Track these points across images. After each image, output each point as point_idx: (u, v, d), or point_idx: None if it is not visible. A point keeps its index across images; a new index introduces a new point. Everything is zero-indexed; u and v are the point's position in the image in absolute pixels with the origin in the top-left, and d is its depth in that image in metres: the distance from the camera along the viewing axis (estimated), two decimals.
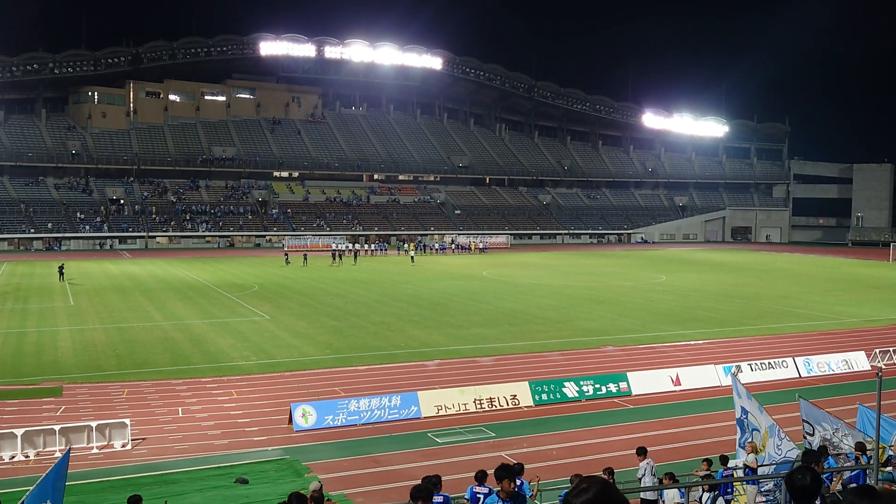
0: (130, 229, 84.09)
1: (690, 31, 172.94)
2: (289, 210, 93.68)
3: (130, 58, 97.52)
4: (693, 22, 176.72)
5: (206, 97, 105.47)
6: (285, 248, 73.14)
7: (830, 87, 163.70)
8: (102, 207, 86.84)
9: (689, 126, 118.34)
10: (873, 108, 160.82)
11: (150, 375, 24.14)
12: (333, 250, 71.31)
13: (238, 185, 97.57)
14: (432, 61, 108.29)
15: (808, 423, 15.40)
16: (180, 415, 20.13)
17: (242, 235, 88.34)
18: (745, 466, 13.39)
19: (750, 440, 13.35)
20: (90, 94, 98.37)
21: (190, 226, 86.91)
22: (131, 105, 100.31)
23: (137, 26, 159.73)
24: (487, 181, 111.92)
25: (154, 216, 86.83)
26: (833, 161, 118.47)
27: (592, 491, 3.08)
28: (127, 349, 28.07)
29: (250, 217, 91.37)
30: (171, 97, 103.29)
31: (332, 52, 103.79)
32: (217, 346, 28.74)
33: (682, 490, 13.25)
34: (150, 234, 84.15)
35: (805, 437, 15.33)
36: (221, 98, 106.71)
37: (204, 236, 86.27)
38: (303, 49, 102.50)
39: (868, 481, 10.70)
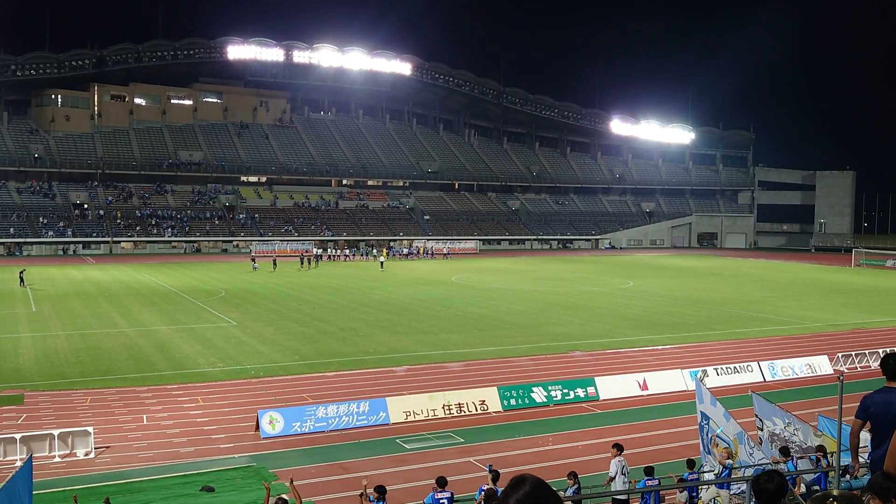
0: (94, 234, 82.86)
1: (656, 40, 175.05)
2: (256, 215, 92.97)
3: (95, 60, 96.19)
4: (659, 30, 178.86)
5: (172, 101, 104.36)
6: (252, 254, 72.62)
7: (794, 95, 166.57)
8: (66, 212, 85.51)
9: (655, 133, 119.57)
10: (835, 117, 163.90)
11: (114, 383, 23.77)
12: (302, 255, 71.21)
13: (205, 189, 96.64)
14: (401, 67, 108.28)
15: (759, 418, 15.64)
16: (145, 422, 19.86)
17: (209, 241, 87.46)
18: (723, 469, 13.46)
19: (726, 446, 13.48)
20: (53, 96, 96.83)
21: (155, 231, 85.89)
22: (96, 108, 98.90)
23: (102, 28, 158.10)
24: (456, 187, 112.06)
25: (119, 221, 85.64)
26: (796, 168, 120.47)
27: (527, 486, 3.13)
28: (90, 356, 27.63)
29: (217, 222, 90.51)
30: (137, 100, 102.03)
31: (300, 56, 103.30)
32: (183, 353, 28.40)
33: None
34: (115, 239, 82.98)
35: (757, 432, 15.55)
36: (188, 102, 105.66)
37: (170, 241, 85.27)
38: (271, 53, 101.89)
39: (829, 485, 10.85)
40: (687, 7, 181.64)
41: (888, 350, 27.04)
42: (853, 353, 27.55)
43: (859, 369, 26.36)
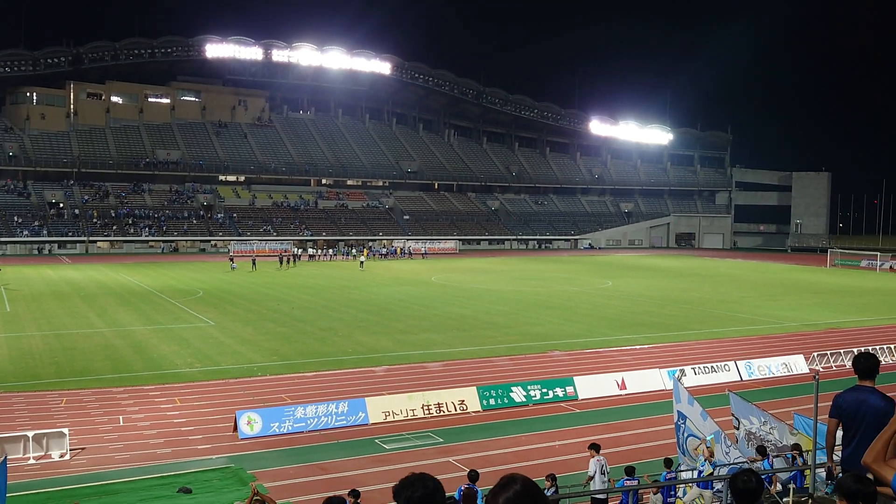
0: (70, 234, 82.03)
1: (635, 41, 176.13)
2: (235, 215, 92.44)
3: (71, 58, 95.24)
4: (638, 31, 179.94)
5: (149, 99, 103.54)
6: (231, 253, 72.21)
7: (770, 97, 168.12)
8: (41, 211, 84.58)
9: (634, 133, 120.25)
10: (811, 118, 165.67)
11: (90, 383, 23.53)
12: (281, 255, 70.96)
13: (182, 189, 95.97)
14: (381, 66, 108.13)
15: (736, 417, 15.79)
16: (121, 424, 19.68)
17: (187, 240, 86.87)
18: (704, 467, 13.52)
19: (708, 446, 13.56)
20: (28, 94, 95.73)
21: (132, 230, 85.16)
22: (71, 106, 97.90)
23: (78, 26, 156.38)
24: (436, 187, 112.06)
25: (95, 220, 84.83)
26: (773, 169, 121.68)
27: (517, 486, 3.12)
28: (66, 357, 27.34)
29: (195, 221, 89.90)
30: (114, 99, 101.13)
31: (279, 55, 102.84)
32: (160, 353, 28.18)
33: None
34: (91, 238, 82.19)
35: (733, 430, 15.69)
36: (165, 100, 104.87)
37: (147, 241, 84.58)
38: (250, 52, 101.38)
39: (805, 482, 10.97)
40: (665, 11, 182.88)
41: (863, 349, 27.40)
42: (828, 352, 27.86)
43: (834, 368, 26.64)
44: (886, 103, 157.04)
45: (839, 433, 6.98)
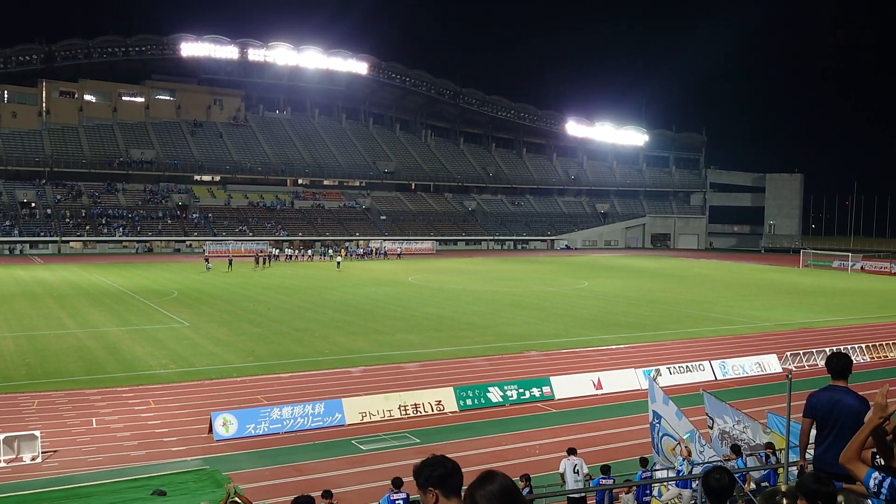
0: (42, 233, 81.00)
1: (611, 43, 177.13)
2: (210, 215, 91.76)
3: (43, 56, 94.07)
4: (614, 33, 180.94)
5: (123, 98, 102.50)
6: (206, 254, 71.67)
7: (744, 99, 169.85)
8: (13, 211, 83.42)
9: (610, 135, 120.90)
10: (784, 121, 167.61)
11: (63, 385, 23.25)
12: (257, 255, 70.59)
13: (157, 188, 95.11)
14: (358, 66, 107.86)
15: (710, 416, 15.93)
16: (94, 426, 19.46)
17: (161, 240, 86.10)
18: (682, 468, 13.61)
19: (685, 446, 13.65)
20: None
21: (106, 230, 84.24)
22: (44, 105, 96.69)
23: (51, 23, 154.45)
24: (413, 187, 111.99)
25: (68, 220, 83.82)
26: (747, 171, 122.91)
27: (496, 483, 3.17)
28: (37, 358, 26.98)
29: (170, 221, 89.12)
30: (87, 97, 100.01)
31: (255, 54, 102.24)
32: (134, 354, 27.91)
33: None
34: (64, 238, 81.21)
35: (708, 430, 15.82)
36: (140, 99, 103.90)
37: (121, 241, 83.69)
38: (225, 51, 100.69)
39: (779, 481, 11.07)
40: (640, 13, 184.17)
41: (835, 349, 27.75)
42: (801, 351, 28.18)
43: (807, 367, 26.95)
44: (858, 106, 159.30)
45: (813, 432, 7.05)
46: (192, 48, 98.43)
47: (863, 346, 29.55)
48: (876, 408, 4.61)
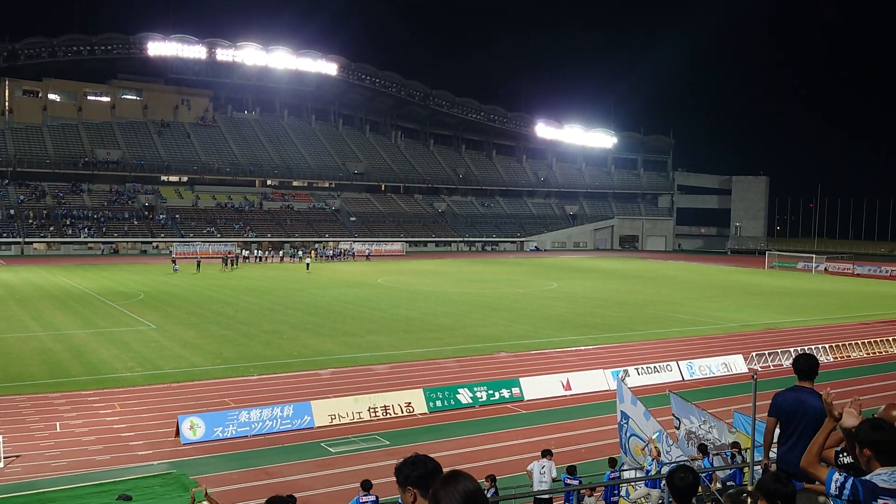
0: (5, 235, 79.53)
1: (580, 46, 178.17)
2: (177, 216, 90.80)
3: (6, 54, 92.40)
4: (583, 36, 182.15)
5: (88, 97, 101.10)
6: (173, 255, 70.89)
7: (711, 103, 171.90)
8: None
9: (579, 137, 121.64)
10: (750, 124, 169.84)
11: (26, 389, 22.85)
12: (225, 257, 69.95)
13: (123, 189, 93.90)
14: (327, 67, 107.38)
15: (677, 416, 16.10)
16: (58, 430, 19.15)
17: (127, 241, 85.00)
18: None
19: (654, 446, 13.76)
20: None
21: (71, 231, 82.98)
22: (6, 104, 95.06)
23: (14, 21, 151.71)
24: (383, 188, 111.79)
25: (31, 221, 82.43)
26: (714, 173, 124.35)
27: (460, 484, 3.18)
28: (0, 362, 26.50)
29: (136, 223, 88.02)
30: (51, 96, 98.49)
31: (223, 54, 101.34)
32: (99, 357, 27.52)
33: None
34: (27, 239, 79.82)
35: (675, 430, 15.99)
36: (106, 98, 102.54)
37: (86, 242, 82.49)
38: (193, 50, 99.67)
39: (744, 480, 11.21)
40: (609, 16, 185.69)
41: (799, 349, 28.17)
42: (766, 352, 28.57)
43: (772, 368, 27.33)
44: (821, 110, 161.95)
45: (777, 431, 7.13)
46: (159, 48, 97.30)
47: (826, 346, 30.03)
48: (830, 414, 4.83)
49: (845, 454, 5.13)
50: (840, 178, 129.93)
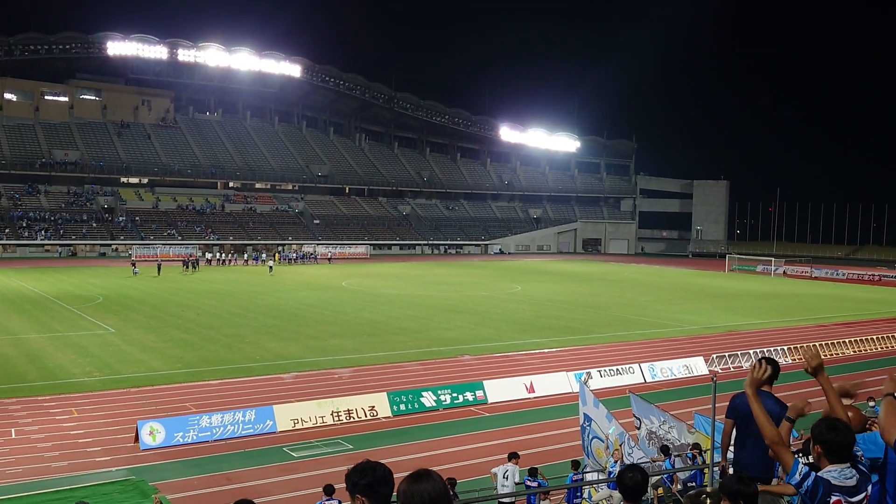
0: None
1: (544, 49, 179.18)
2: (137, 218, 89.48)
3: None
4: (546, 40, 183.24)
5: (46, 97, 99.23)
6: (133, 258, 69.86)
7: (673, 107, 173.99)
8: None
9: (543, 141, 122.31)
10: (711, 129, 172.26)
11: None
12: (186, 260, 69.11)
13: (81, 190, 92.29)
14: (291, 68, 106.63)
15: (637, 417, 16.26)
16: (13, 436, 18.74)
17: (86, 244, 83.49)
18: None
19: (616, 448, 13.86)
20: None
21: (27, 233, 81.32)
22: None
23: None
24: (347, 191, 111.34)
25: None
26: (675, 177, 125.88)
27: (428, 483, 3.18)
28: None
29: (95, 225, 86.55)
30: (7, 96, 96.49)
31: (185, 55, 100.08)
32: (56, 362, 27.00)
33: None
34: None
35: (635, 430, 16.13)
36: (64, 98, 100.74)
37: (42, 245, 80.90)
38: (154, 50, 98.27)
39: (704, 481, 11.33)
40: (571, 21, 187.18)
41: (759, 351, 28.61)
42: (726, 354, 28.95)
43: (732, 369, 27.70)
44: (781, 114, 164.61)
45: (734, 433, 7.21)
46: (119, 47, 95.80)
47: (784, 347, 30.51)
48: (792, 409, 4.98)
49: (801, 454, 5.22)
50: (799, 183, 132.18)
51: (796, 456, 5.00)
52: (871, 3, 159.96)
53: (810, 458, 4.94)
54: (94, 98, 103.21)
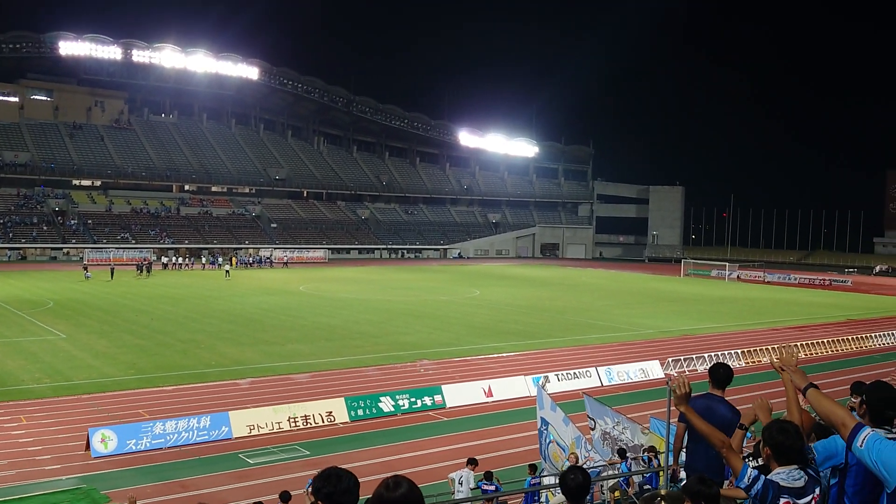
0: None
1: (502, 55, 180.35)
2: (89, 221, 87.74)
3: None
4: (504, 45, 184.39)
5: None
6: (85, 262, 68.46)
7: (629, 113, 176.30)
8: None
9: (502, 146, 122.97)
10: (666, 135, 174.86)
11: None
12: (140, 264, 67.91)
13: (32, 193, 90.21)
14: (248, 71, 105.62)
15: (592, 418, 16.40)
16: None
17: (36, 248, 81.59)
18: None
19: (572, 452, 13.93)
20: None
21: None
22: None
23: None
24: (305, 195, 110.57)
25: None
26: (632, 183, 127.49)
27: (402, 489, 3.16)
28: None
29: (45, 228, 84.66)
30: None
31: (140, 55, 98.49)
32: (4, 369, 26.33)
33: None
34: None
35: (590, 432, 16.27)
36: (13, 99, 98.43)
37: None
38: (107, 51, 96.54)
39: (660, 484, 11.45)
40: (529, 26, 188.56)
41: (713, 355, 29.04)
42: (682, 357, 29.35)
43: (687, 373, 28.06)
44: (735, 121, 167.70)
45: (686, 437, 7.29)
46: (72, 47, 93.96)
47: (738, 351, 31.03)
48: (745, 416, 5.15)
49: (751, 458, 5.29)
50: (752, 189, 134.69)
51: (745, 460, 5.07)
52: (827, 9, 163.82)
53: (760, 460, 5.02)
54: (45, 98, 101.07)
